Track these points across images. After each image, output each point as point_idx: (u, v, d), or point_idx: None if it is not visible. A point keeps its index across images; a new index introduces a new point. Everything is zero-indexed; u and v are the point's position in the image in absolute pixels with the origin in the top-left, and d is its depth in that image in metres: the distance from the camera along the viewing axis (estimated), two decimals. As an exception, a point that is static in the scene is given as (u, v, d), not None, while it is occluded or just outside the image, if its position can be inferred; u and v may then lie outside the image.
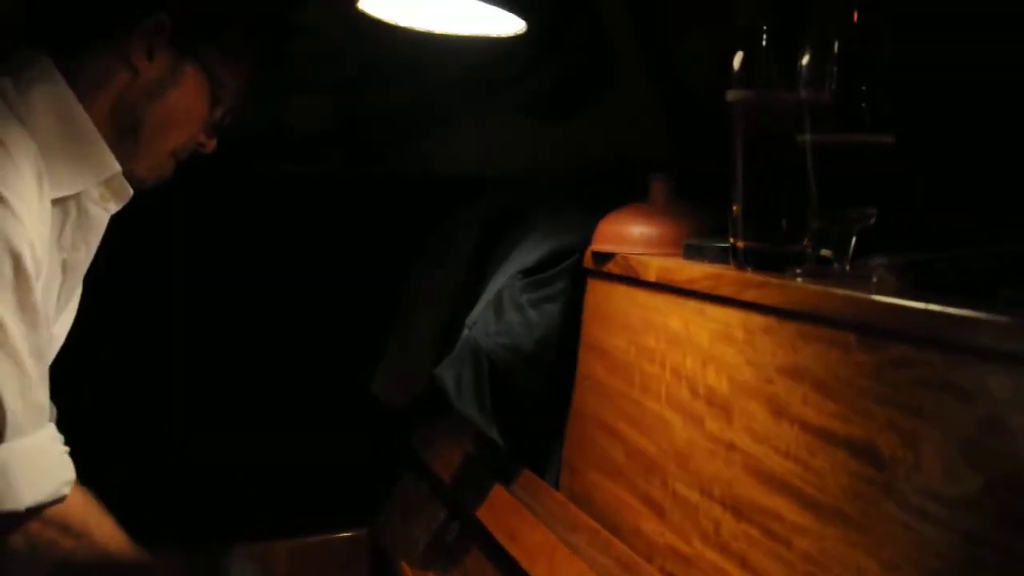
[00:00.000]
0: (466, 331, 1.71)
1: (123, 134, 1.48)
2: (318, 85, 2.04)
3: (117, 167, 1.48)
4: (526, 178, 1.99)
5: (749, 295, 1.19)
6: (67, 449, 1.41)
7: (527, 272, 1.67)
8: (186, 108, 1.50)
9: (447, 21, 1.57)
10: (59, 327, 1.55)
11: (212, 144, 1.60)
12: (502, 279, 1.70)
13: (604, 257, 1.56)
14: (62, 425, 1.45)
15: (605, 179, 1.81)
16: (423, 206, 2.17)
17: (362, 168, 2.25)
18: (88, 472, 1.44)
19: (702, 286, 1.29)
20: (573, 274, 1.65)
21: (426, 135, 2.16)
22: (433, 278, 2.03)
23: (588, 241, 1.61)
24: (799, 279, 1.14)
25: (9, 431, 1.31)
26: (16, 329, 1.32)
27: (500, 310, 1.67)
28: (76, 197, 1.47)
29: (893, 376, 0.97)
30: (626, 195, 1.59)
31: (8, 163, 1.33)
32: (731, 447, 1.21)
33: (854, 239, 1.12)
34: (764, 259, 1.21)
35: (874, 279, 1.06)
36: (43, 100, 1.41)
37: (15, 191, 1.32)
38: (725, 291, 1.24)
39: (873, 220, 1.10)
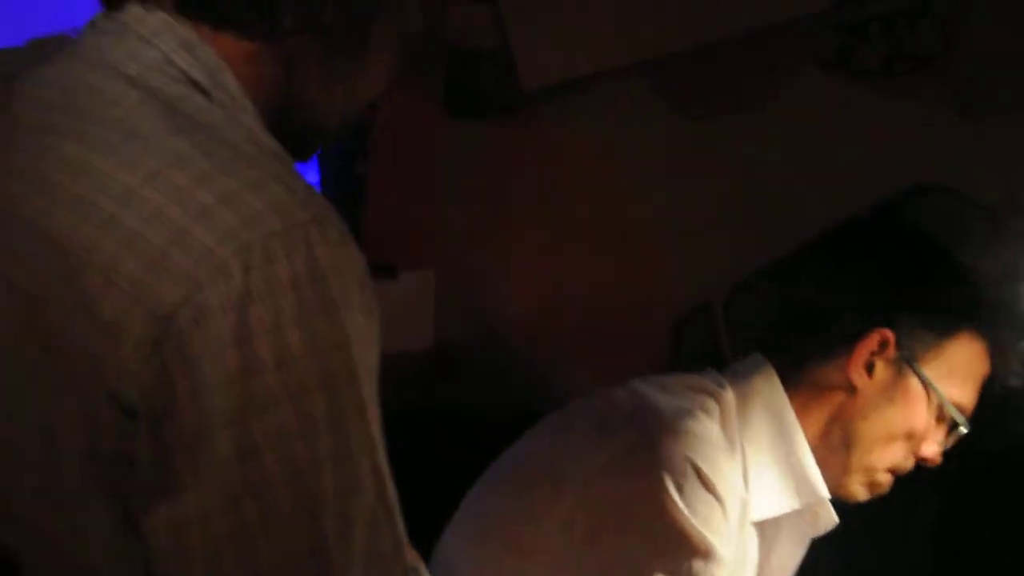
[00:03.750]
0: None
1: (834, 450, 1.42)
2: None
3: (825, 494, 1.42)
4: None
5: None
6: None
7: None
8: (907, 426, 1.41)
9: None
10: None
11: (937, 459, 1.46)
12: None
13: None
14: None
15: None
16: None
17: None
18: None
19: None
20: None
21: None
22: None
23: None
24: None
25: None
26: None
27: None
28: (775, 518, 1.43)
29: None
30: None
31: (718, 511, 1.31)
32: None
33: None
34: None
35: None
36: (763, 418, 1.39)
37: (723, 537, 1.31)
38: None
39: None
